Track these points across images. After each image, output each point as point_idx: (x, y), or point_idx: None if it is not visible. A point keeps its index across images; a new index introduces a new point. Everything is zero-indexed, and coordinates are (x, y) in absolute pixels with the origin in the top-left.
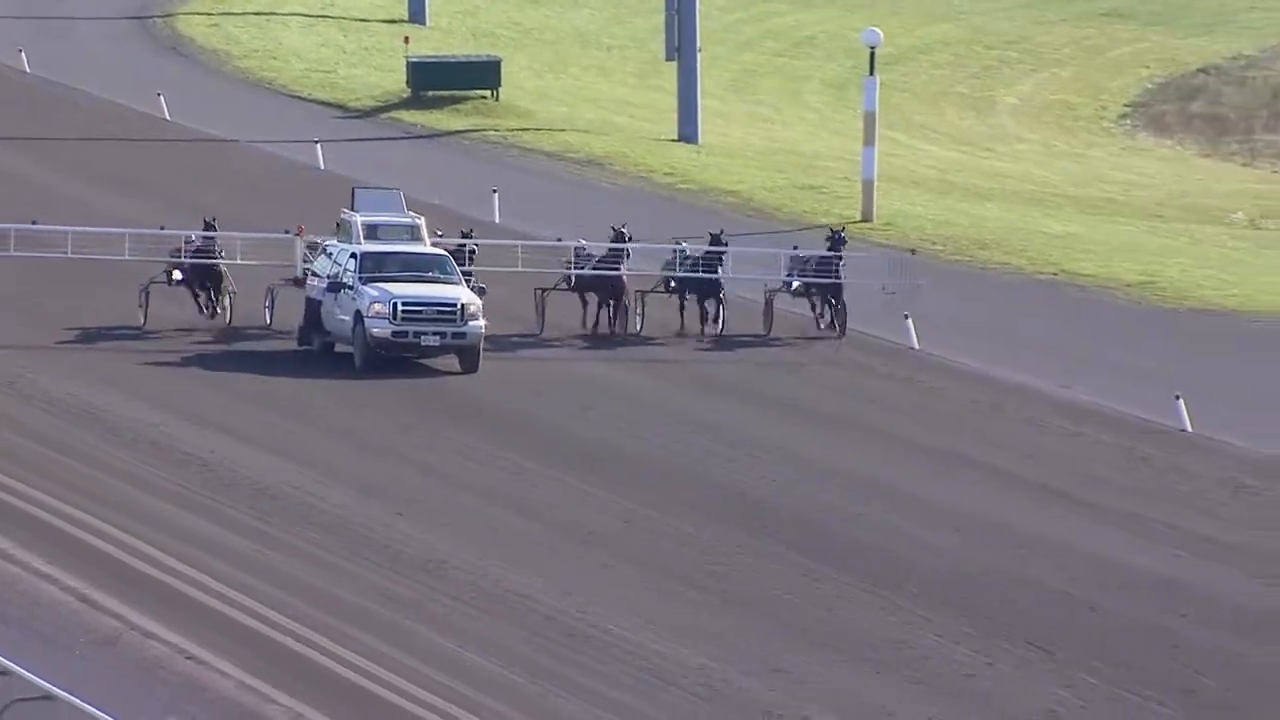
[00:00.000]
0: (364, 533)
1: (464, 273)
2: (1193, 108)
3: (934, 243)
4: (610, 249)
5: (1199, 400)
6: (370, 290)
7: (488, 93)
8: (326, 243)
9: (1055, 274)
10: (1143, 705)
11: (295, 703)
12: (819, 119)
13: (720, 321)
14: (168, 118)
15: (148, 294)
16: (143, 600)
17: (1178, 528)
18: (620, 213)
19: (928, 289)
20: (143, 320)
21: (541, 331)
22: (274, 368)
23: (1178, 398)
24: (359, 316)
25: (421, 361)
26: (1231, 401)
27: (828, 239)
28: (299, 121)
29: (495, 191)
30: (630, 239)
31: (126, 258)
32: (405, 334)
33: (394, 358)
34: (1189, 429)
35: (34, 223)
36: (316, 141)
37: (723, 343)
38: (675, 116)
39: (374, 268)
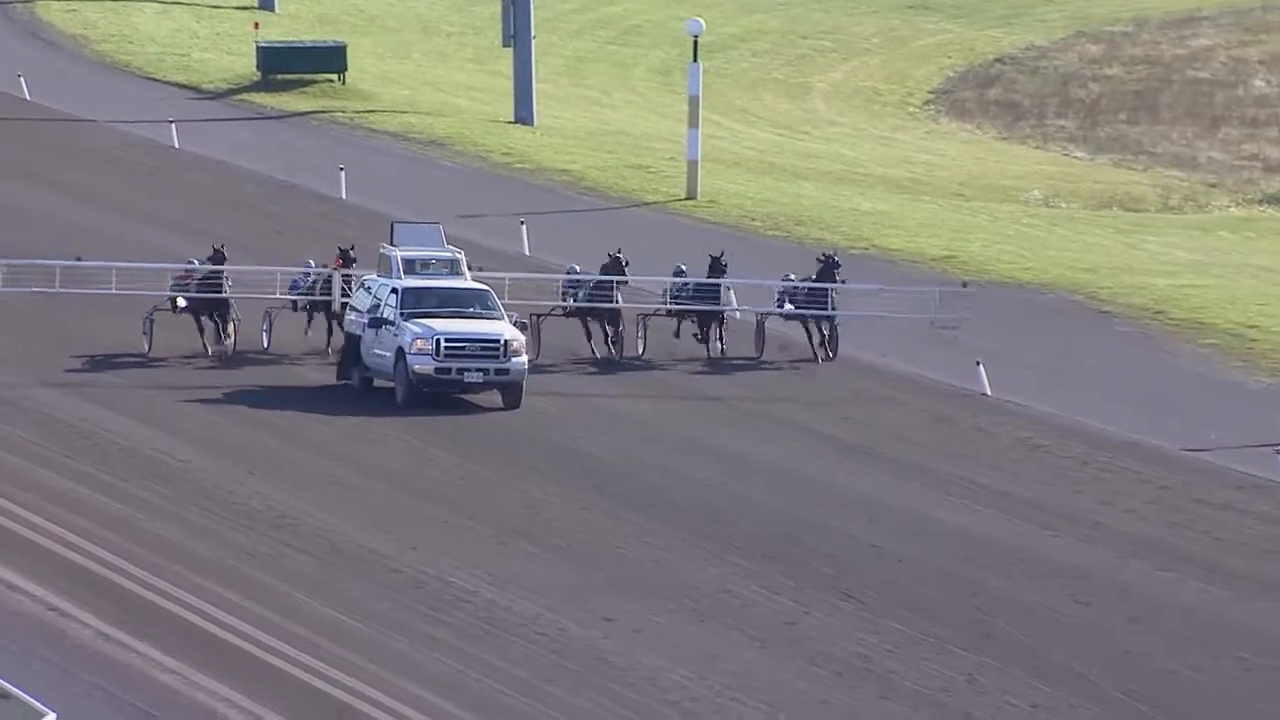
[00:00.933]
0: (212, 488)
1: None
2: (990, 95)
3: (754, 219)
4: (602, 275)
5: (997, 366)
6: (412, 326)
7: (334, 76)
8: (366, 277)
9: (866, 248)
10: (944, 649)
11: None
12: (646, 103)
13: (721, 345)
14: (28, 98)
15: (152, 321)
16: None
17: (978, 484)
18: (460, 191)
19: (755, 258)
20: (148, 348)
21: (536, 357)
22: (316, 404)
23: (978, 364)
24: (401, 353)
25: (463, 397)
26: (1026, 367)
27: (820, 262)
28: (154, 102)
29: (342, 169)
30: (627, 264)
31: (150, 292)
32: (448, 370)
33: (436, 394)
34: (988, 393)
35: (78, 259)
36: (171, 121)
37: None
38: (512, 100)
39: (415, 303)
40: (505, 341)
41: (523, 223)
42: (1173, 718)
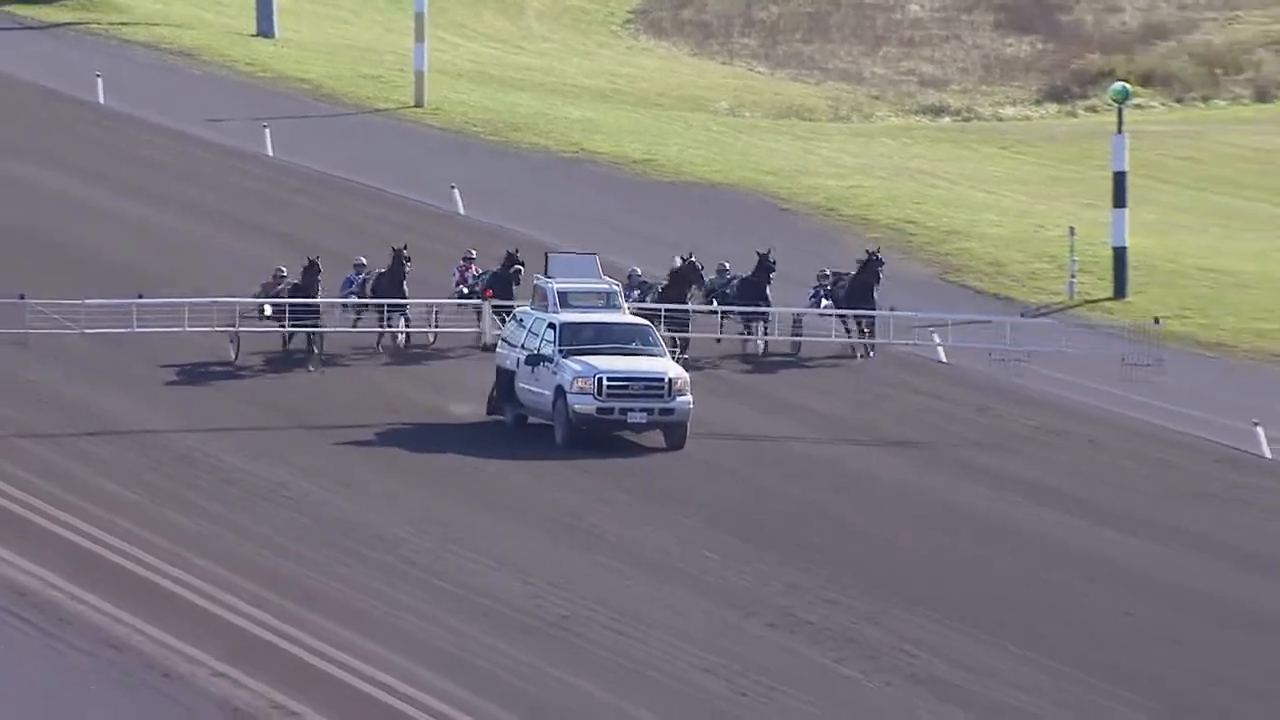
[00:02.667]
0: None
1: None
2: (683, 15)
3: (475, 125)
4: (673, 278)
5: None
6: (572, 364)
7: None
8: (519, 309)
9: (576, 152)
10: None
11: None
12: (380, 19)
13: (764, 344)
14: None
15: (238, 332)
16: None
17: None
18: (207, 98)
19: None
20: (234, 355)
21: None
22: (470, 444)
23: (688, 256)
24: (561, 391)
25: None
26: (714, 260)
27: (861, 262)
28: None
29: (99, 76)
30: (701, 268)
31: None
32: (610, 411)
33: (597, 434)
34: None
35: (140, 296)
36: None
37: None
38: (254, 13)
39: (573, 339)
40: (669, 380)
41: (265, 127)
42: None
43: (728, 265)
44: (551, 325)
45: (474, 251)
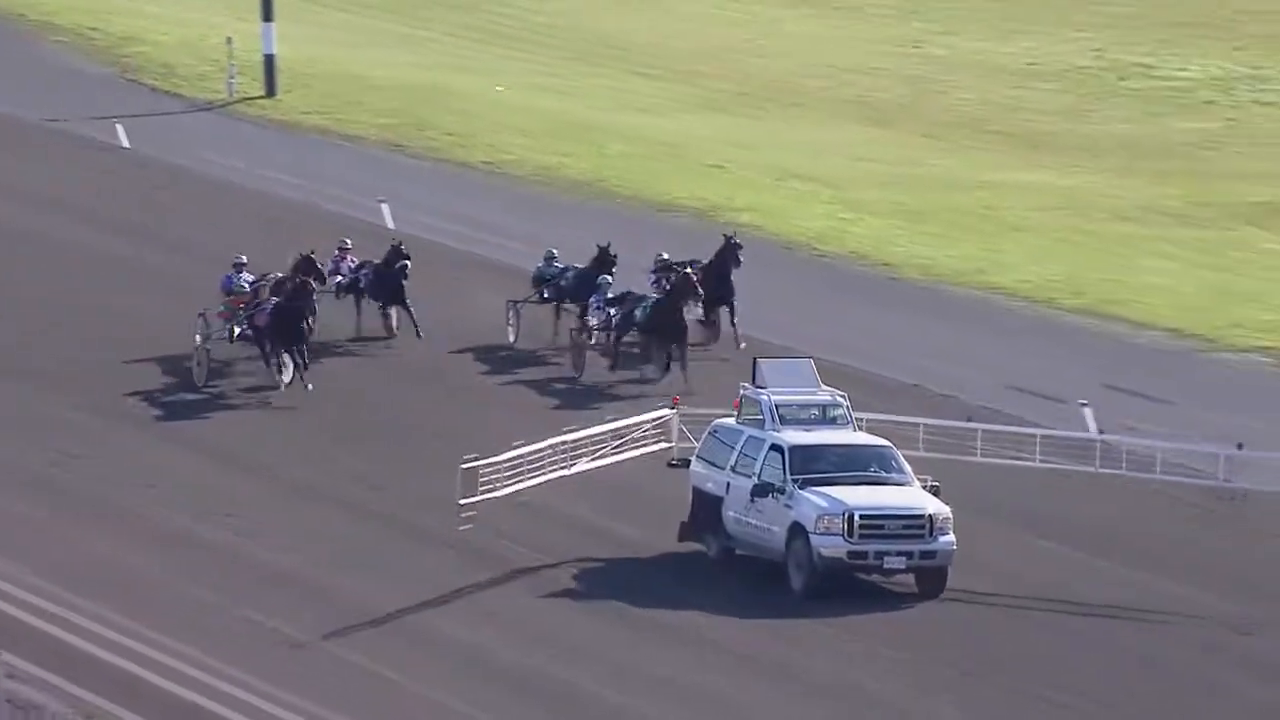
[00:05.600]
0: None
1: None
2: None
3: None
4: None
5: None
6: (812, 497)
7: None
8: (719, 423)
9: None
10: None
11: None
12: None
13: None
14: None
15: (208, 351)
16: None
17: None
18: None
19: None
20: (202, 381)
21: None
22: (680, 586)
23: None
24: (799, 530)
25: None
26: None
27: (719, 249)
28: None
29: None
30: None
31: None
32: (864, 555)
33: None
34: None
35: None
36: None
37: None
38: None
39: (807, 465)
40: (930, 517)
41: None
42: None
43: (556, 252)
44: (777, 448)
45: (349, 241)
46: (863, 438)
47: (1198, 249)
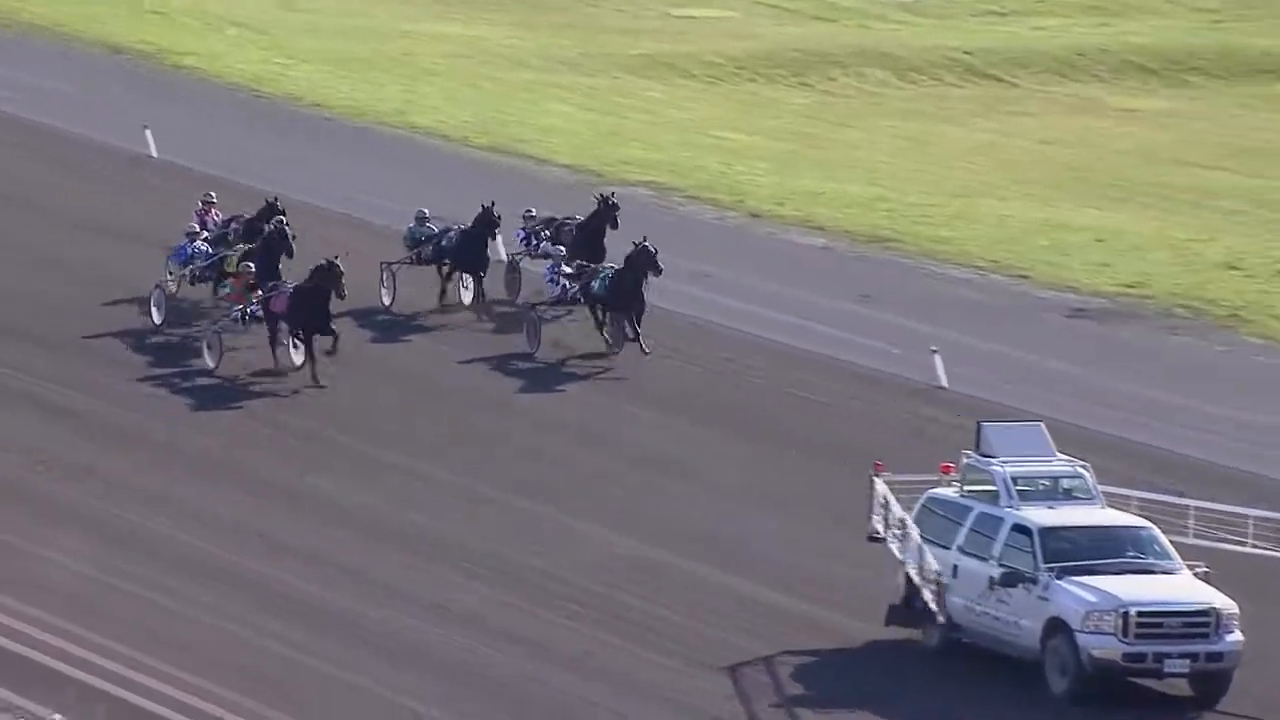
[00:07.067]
0: None
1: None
2: None
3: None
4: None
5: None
6: (1076, 590)
7: None
8: (935, 492)
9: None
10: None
11: None
12: None
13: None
14: None
15: (220, 335)
16: None
17: None
18: None
19: None
20: (214, 364)
21: (535, 351)
22: (902, 687)
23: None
24: (1061, 627)
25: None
26: None
27: (594, 210)
28: None
29: None
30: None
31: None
32: (1142, 657)
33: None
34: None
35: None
36: None
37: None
38: None
39: (1060, 550)
40: (1216, 611)
41: None
42: None
43: (427, 212)
44: (1023, 529)
45: (214, 194)
46: (1118, 517)
47: (589, 95)
